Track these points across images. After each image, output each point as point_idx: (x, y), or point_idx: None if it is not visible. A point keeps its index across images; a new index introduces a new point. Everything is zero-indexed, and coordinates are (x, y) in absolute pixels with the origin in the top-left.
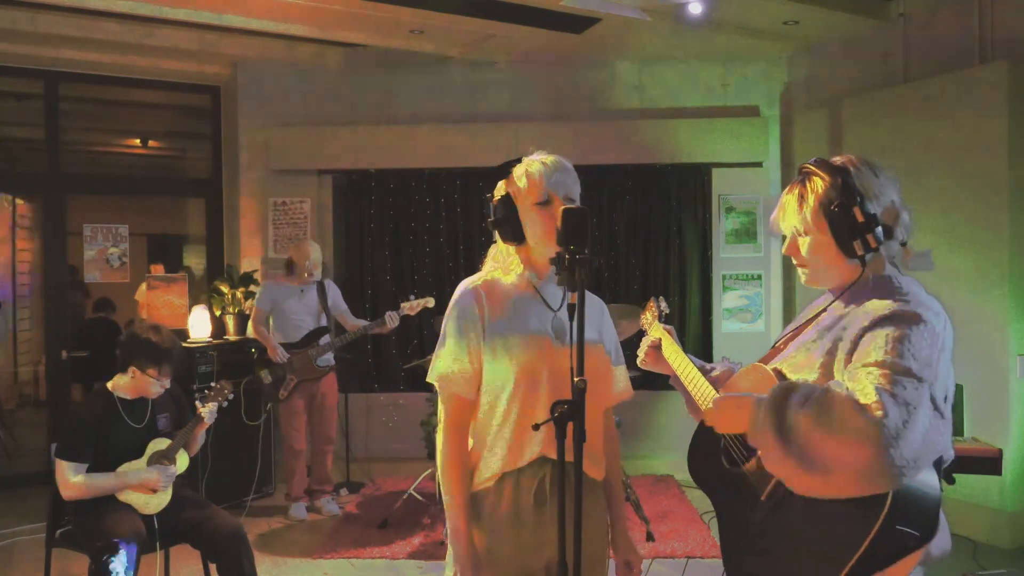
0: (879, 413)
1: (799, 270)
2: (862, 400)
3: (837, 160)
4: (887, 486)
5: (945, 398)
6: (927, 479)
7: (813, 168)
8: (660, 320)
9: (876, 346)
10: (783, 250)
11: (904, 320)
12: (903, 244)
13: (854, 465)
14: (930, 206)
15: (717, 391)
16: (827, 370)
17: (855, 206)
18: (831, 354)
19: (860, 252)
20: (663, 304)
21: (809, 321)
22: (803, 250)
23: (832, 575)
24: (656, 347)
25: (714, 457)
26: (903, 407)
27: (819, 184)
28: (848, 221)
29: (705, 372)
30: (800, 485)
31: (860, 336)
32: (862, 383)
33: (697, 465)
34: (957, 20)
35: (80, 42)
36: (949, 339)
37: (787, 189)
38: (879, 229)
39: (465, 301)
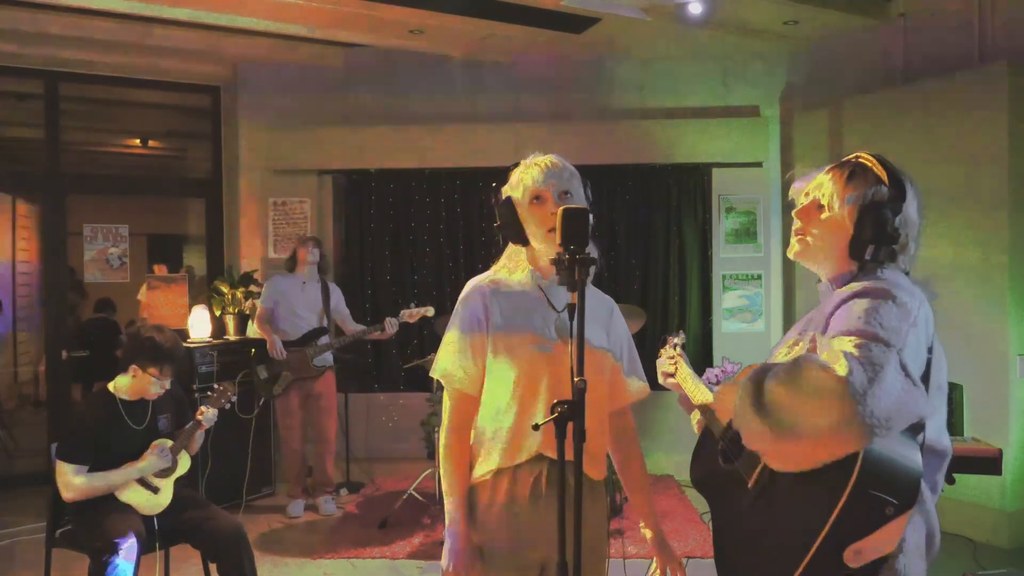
0: (843, 372)
1: (793, 239)
2: (829, 363)
3: (898, 168)
4: (857, 442)
5: (926, 375)
6: (906, 451)
7: (875, 162)
8: (676, 349)
9: (846, 318)
10: (794, 212)
11: (873, 294)
12: (906, 273)
13: (822, 422)
14: (930, 206)
15: None
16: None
17: (893, 215)
18: (812, 342)
19: (867, 256)
20: (681, 336)
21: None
22: (816, 221)
23: (809, 545)
24: (670, 375)
25: (712, 460)
26: (868, 366)
27: (874, 177)
28: (879, 224)
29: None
30: (776, 457)
31: (832, 313)
32: (831, 350)
33: (698, 470)
34: (957, 20)
35: (80, 42)
36: (925, 319)
37: (834, 166)
38: (893, 248)
39: (472, 299)
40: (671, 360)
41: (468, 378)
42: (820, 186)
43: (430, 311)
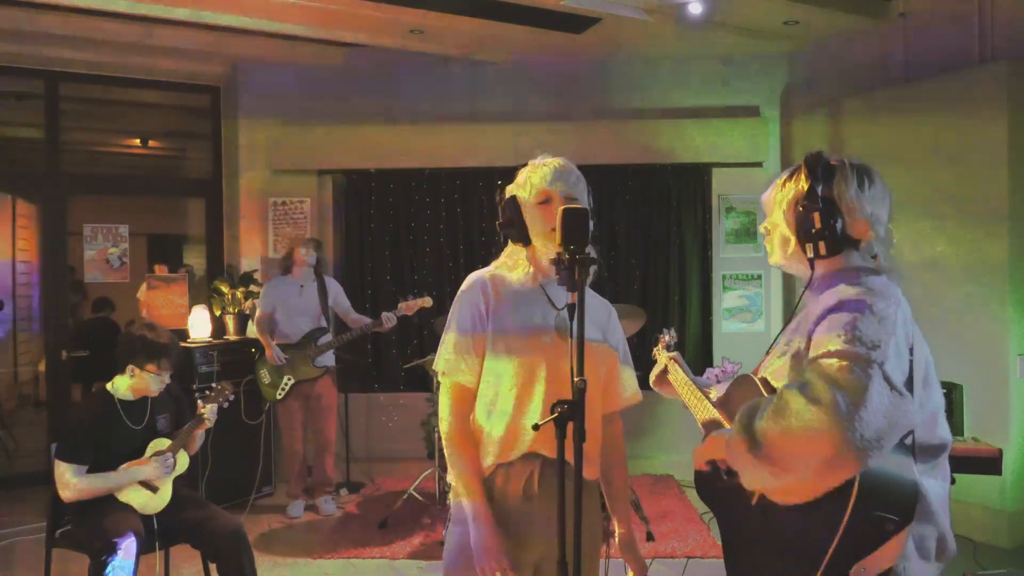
0: (828, 400)
1: (767, 246)
2: (812, 392)
3: (830, 160)
4: (853, 468)
5: (911, 379)
6: (900, 463)
7: (803, 164)
8: (669, 349)
9: (825, 336)
10: (760, 226)
11: (849, 307)
12: (874, 257)
13: (818, 455)
14: (930, 206)
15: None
16: (798, 372)
17: (816, 212)
18: (797, 356)
19: (810, 255)
20: (672, 333)
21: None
22: (774, 235)
23: (815, 566)
24: (664, 374)
25: (716, 473)
26: (851, 391)
27: (800, 181)
28: (807, 225)
29: (707, 395)
30: (779, 493)
31: (813, 330)
32: (812, 376)
33: (702, 484)
34: (957, 20)
35: (80, 42)
36: (903, 322)
37: (782, 176)
38: (837, 237)
39: (473, 291)
40: (664, 364)
41: (469, 370)
42: (769, 203)
43: (428, 302)
